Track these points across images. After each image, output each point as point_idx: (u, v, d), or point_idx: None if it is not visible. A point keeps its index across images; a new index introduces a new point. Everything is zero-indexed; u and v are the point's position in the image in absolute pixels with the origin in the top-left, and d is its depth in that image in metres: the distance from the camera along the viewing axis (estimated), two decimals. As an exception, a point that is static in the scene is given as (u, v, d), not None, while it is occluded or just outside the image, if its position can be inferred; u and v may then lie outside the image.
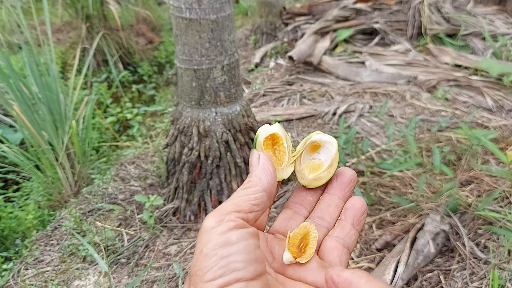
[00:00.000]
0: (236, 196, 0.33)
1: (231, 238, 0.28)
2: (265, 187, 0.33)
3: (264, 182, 0.34)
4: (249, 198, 0.32)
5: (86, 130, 1.89)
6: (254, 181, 0.34)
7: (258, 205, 0.32)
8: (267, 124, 0.39)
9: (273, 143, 0.39)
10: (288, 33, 3.44)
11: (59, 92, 1.75)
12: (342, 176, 0.39)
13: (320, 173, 0.38)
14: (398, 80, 2.54)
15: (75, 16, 3.26)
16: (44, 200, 1.79)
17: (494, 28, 2.92)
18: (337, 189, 0.39)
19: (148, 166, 1.89)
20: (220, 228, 0.29)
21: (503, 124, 2.00)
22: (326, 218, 0.38)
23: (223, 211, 0.30)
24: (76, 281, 1.32)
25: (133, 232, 1.50)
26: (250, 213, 0.31)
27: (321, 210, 0.38)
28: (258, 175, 0.34)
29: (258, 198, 0.32)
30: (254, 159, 0.35)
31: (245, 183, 0.34)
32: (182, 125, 1.45)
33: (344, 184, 0.39)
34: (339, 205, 0.38)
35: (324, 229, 0.37)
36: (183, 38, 1.31)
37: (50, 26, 1.79)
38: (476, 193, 1.49)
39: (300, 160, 0.39)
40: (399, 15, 3.24)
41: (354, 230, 0.37)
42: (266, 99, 2.50)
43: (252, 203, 0.32)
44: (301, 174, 0.39)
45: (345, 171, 0.39)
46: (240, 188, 0.34)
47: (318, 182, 0.38)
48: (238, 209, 0.31)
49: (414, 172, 1.62)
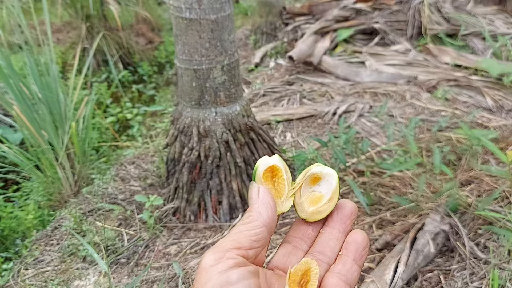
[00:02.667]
0: (235, 231, 0.32)
1: (232, 277, 0.27)
2: (265, 222, 0.32)
3: (264, 217, 0.33)
4: (249, 234, 0.31)
5: (86, 130, 1.89)
6: (254, 216, 0.33)
7: (258, 241, 0.31)
8: (266, 156, 0.38)
9: (272, 175, 0.38)
10: (288, 33, 3.44)
11: (59, 92, 1.75)
12: (343, 209, 0.38)
13: (320, 207, 0.37)
14: (398, 80, 2.54)
15: (75, 16, 3.26)
16: (44, 200, 1.79)
17: (494, 28, 2.92)
18: (338, 223, 0.37)
19: (148, 166, 1.89)
20: (219, 266, 0.28)
21: (503, 124, 2.00)
22: (327, 253, 0.36)
23: (223, 247, 0.29)
24: (76, 281, 1.32)
25: (133, 232, 1.50)
26: (250, 250, 0.30)
27: (322, 245, 0.37)
28: (258, 210, 0.33)
29: (259, 233, 0.31)
30: (254, 192, 0.34)
31: (244, 217, 0.33)
32: (182, 125, 1.45)
33: (345, 217, 0.37)
34: (340, 239, 0.37)
35: (325, 265, 0.36)
36: (183, 38, 1.31)
37: (50, 26, 1.79)
38: (476, 193, 1.49)
39: (300, 193, 0.38)
40: (399, 15, 3.24)
41: (356, 266, 0.35)
42: (266, 99, 2.50)
43: (253, 239, 0.31)
44: (301, 207, 0.38)
45: (345, 204, 0.38)
46: (239, 223, 0.33)
47: (318, 216, 0.37)
48: (238, 245, 0.30)
49: (414, 172, 1.62)
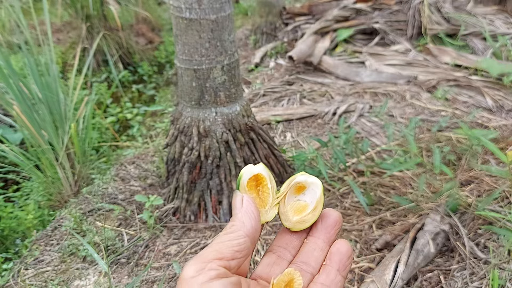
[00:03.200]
0: (217, 242, 0.31)
1: None
2: (248, 232, 0.32)
3: (247, 226, 0.32)
4: (231, 244, 0.31)
5: (86, 130, 1.89)
6: (237, 226, 0.32)
7: (241, 252, 0.31)
8: (250, 164, 0.38)
9: (256, 184, 0.38)
10: (288, 33, 3.44)
11: (59, 92, 1.75)
12: (327, 219, 0.37)
13: (304, 216, 0.37)
14: (398, 80, 2.54)
15: (75, 16, 3.26)
16: (44, 200, 1.79)
17: (494, 28, 2.92)
18: (322, 232, 0.37)
19: (148, 166, 1.89)
20: (200, 278, 0.27)
21: (503, 124, 2.00)
22: (310, 263, 0.36)
23: (204, 258, 0.29)
24: (76, 281, 1.32)
25: (133, 232, 1.50)
26: (233, 260, 0.30)
27: (306, 255, 0.37)
28: (242, 219, 0.33)
29: (241, 244, 0.31)
30: (237, 201, 0.34)
31: (227, 227, 0.33)
32: (182, 125, 1.45)
33: (329, 226, 0.37)
34: (324, 249, 0.37)
35: (309, 275, 0.36)
36: (183, 38, 1.31)
37: (50, 26, 1.79)
38: (476, 193, 1.49)
39: (285, 202, 0.38)
40: (399, 15, 3.24)
41: (340, 276, 0.35)
42: (266, 99, 2.50)
43: (235, 249, 0.30)
44: (285, 216, 0.37)
45: (330, 213, 0.37)
46: (222, 233, 0.32)
47: (302, 225, 0.37)
48: (219, 256, 0.29)
49: (414, 172, 1.62)
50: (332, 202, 1.55)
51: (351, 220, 1.46)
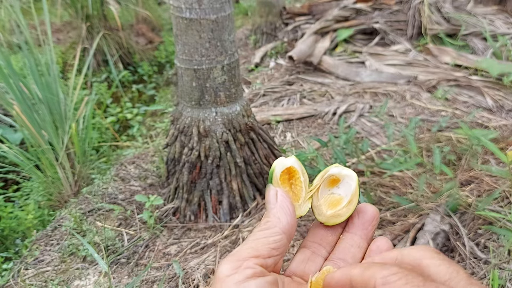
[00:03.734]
0: (253, 239, 0.30)
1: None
2: (284, 228, 0.30)
3: (283, 222, 0.31)
4: (267, 242, 0.29)
5: (86, 130, 1.89)
6: (273, 222, 0.31)
7: (277, 249, 0.29)
8: (282, 156, 0.36)
9: (289, 177, 0.36)
10: (288, 33, 3.44)
11: (59, 92, 1.75)
12: (364, 214, 0.36)
13: (339, 210, 0.36)
14: (398, 80, 2.54)
15: (75, 16, 3.26)
16: (44, 200, 1.79)
17: (494, 28, 2.92)
18: (359, 228, 0.35)
19: (148, 166, 1.89)
20: (236, 276, 0.26)
21: (503, 124, 2.00)
22: (348, 260, 0.34)
23: (240, 256, 0.28)
24: (76, 281, 1.32)
25: (133, 232, 1.50)
26: (269, 258, 0.29)
27: (343, 251, 0.35)
28: (277, 215, 0.31)
29: (278, 241, 0.30)
30: (271, 195, 0.32)
31: (262, 223, 0.31)
32: (182, 125, 1.45)
33: (366, 222, 0.35)
34: (362, 246, 0.35)
35: None
36: (183, 38, 1.31)
37: (50, 26, 1.79)
38: (476, 193, 1.49)
39: (318, 195, 0.36)
40: (399, 15, 3.24)
41: None
42: (266, 99, 2.50)
43: (271, 247, 0.29)
44: (319, 210, 0.36)
45: (366, 208, 0.36)
46: (257, 230, 0.31)
47: (337, 219, 0.35)
48: (256, 254, 0.28)
49: (414, 172, 1.62)
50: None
51: (351, 220, 1.46)
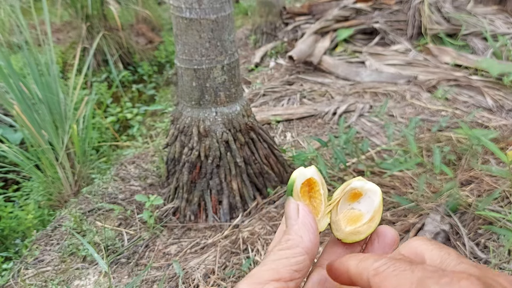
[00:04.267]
0: (273, 259, 0.28)
1: None
2: (307, 248, 0.28)
3: (306, 241, 0.28)
4: (289, 263, 0.27)
5: (86, 130, 1.89)
6: (295, 241, 0.28)
7: (300, 271, 0.27)
8: (302, 167, 0.34)
9: (309, 189, 0.34)
10: (288, 33, 3.44)
11: (59, 92, 1.75)
12: (384, 237, 0.33)
13: (359, 226, 0.33)
14: (398, 80, 2.54)
15: (75, 16, 3.26)
16: (44, 200, 1.79)
17: (494, 28, 2.92)
18: (379, 251, 0.33)
19: (148, 166, 1.89)
20: None
21: (503, 124, 2.00)
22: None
23: (259, 279, 0.26)
24: (76, 281, 1.32)
25: (133, 231, 1.50)
26: (291, 281, 0.26)
27: None
28: (299, 233, 0.29)
29: (300, 262, 0.27)
30: (292, 210, 0.30)
31: (283, 241, 0.29)
32: (182, 125, 1.45)
33: (387, 246, 0.33)
34: None
35: None
36: (183, 38, 1.31)
37: (50, 26, 1.79)
38: (476, 193, 1.49)
39: (337, 210, 0.34)
40: (399, 15, 3.24)
41: None
42: (266, 99, 2.50)
43: (294, 269, 0.27)
44: (337, 225, 0.33)
45: (387, 231, 0.33)
46: (277, 248, 0.28)
47: (356, 237, 0.33)
48: (277, 277, 0.26)
49: (414, 172, 1.62)
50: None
51: (351, 220, 1.46)
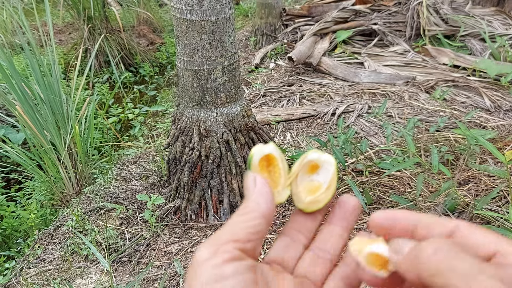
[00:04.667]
0: (231, 223, 0.29)
1: (226, 272, 0.25)
2: (264, 213, 0.30)
3: (262, 207, 0.30)
4: (246, 226, 0.29)
5: (88, 130, 1.90)
6: (252, 207, 0.30)
7: (256, 234, 0.29)
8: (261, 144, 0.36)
9: (267, 164, 0.36)
10: (287, 34, 3.46)
11: (61, 92, 1.77)
12: (345, 204, 0.35)
13: (318, 196, 0.35)
14: (397, 81, 2.56)
15: (77, 17, 3.28)
16: (46, 200, 1.81)
17: (492, 29, 2.94)
18: (340, 219, 0.35)
19: (149, 165, 1.90)
20: (214, 260, 0.26)
21: (501, 124, 2.01)
22: (329, 250, 0.34)
23: (218, 240, 0.28)
24: (78, 280, 1.34)
25: (134, 231, 1.52)
26: (248, 243, 0.28)
27: (323, 242, 0.34)
28: (256, 200, 0.31)
29: (257, 225, 0.29)
30: (250, 182, 0.32)
31: (241, 209, 0.31)
32: (183, 125, 1.47)
33: (347, 212, 0.35)
34: (343, 236, 0.35)
35: (328, 262, 0.33)
36: (184, 39, 1.33)
37: (52, 27, 1.81)
38: (474, 192, 1.50)
39: (297, 182, 0.36)
40: (398, 16, 3.26)
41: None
42: (266, 99, 2.52)
43: (250, 232, 0.29)
44: (298, 197, 0.36)
45: (348, 199, 0.35)
46: (235, 215, 0.30)
47: (315, 206, 0.35)
48: (235, 238, 0.28)
49: (413, 172, 1.63)
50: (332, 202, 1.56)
51: (350, 219, 1.47)
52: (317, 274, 0.33)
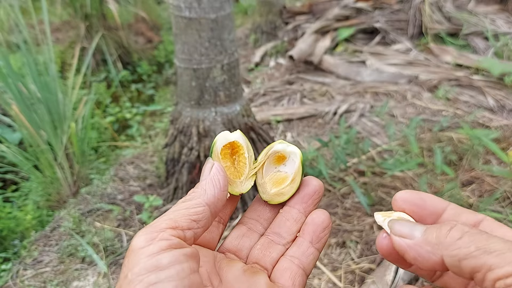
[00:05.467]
0: (173, 209, 0.28)
1: (162, 261, 0.24)
2: (209, 200, 0.29)
3: (209, 195, 0.29)
4: (188, 213, 0.27)
5: (85, 130, 1.88)
6: (198, 193, 0.29)
7: (198, 221, 0.27)
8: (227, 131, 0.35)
9: (232, 153, 0.35)
10: (288, 32, 3.43)
11: (58, 91, 1.74)
12: (305, 187, 0.34)
13: (283, 188, 0.34)
14: (399, 80, 2.53)
15: (74, 15, 3.25)
16: (43, 200, 1.78)
17: (496, 28, 2.91)
18: (298, 202, 0.34)
19: (147, 166, 1.88)
20: (150, 248, 0.24)
21: (505, 124, 1.99)
22: (282, 234, 0.33)
23: (156, 227, 0.26)
24: (75, 282, 1.32)
25: (132, 232, 1.49)
26: (188, 230, 0.27)
27: (278, 225, 0.34)
28: (204, 187, 0.30)
29: (199, 213, 0.28)
30: (207, 168, 0.31)
31: (187, 194, 0.30)
32: (181, 125, 1.44)
33: (306, 195, 0.34)
34: (299, 220, 0.33)
35: (281, 247, 0.33)
36: (183, 37, 1.30)
37: (48, 25, 1.78)
38: (478, 193, 1.48)
39: (262, 172, 0.35)
40: (400, 14, 3.23)
41: (312, 249, 0.32)
42: (266, 98, 2.49)
43: (192, 219, 0.27)
44: (263, 188, 0.35)
45: (309, 182, 0.34)
46: (180, 201, 0.29)
47: (280, 198, 0.34)
48: (174, 225, 0.26)
49: (415, 172, 1.61)
50: (333, 202, 1.54)
51: (352, 221, 1.45)
52: (268, 258, 0.32)
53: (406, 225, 0.26)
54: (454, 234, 0.23)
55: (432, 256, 0.24)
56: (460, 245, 0.22)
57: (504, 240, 0.22)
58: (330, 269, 1.27)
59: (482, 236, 0.22)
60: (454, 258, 0.22)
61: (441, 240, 0.23)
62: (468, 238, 0.22)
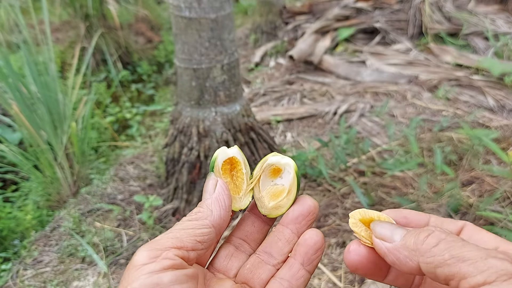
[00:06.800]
0: (179, 228, 0.28)
1: (163, 279, 0.24)
2: (215, 222, 0.29)
3: (215, 216, 0.29)
4: (194, 233, 0.27)
5: (85, 130, 1.88)
6: (204, 213, 0.29)
7: (203, 243, 0.27)
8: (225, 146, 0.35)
9: (231, 168, 0.35)
10: (288, 32, 3.43)
11: (58, 91, 1.74)
12: (299, 206, 0.33)
13: (280, 201, 0.34)
14: (399, 80, 2.53)
15: (74, 15, 3.25)
16: (43, 200, 1.78)
17: (496, 28, 2.91)
18: (291, 222, 0.33)
19: (147, 166, 1.88)
20: (152, 266, 0.24)
21: (505, 124, 1.99)
22: (273, 254, 0.32)
23: (160, 245, 0.26)
24: (75, 282, 1.32)
25: (132, 232, 1.49)
26: (192, 251, 0.27)
27: (269, 245, 0.33)
28: (210, 207, 0.30)
29: (205, 234, 0.28)
30: (210, 185, 0.31)
31: (193, 212, 0.30)
32: (181, 125, 1.44)
33: (300, 216, 0.33)
34: (291, 240, 0.33)
35: (271, 267, 0.32)
36: (183, 37, 1.30)
37: (49, 25, 1.78)
38: (478, 193, 1.48)
39: (259, 187, 0.35)
40: (400, 14, 3.23)
41: (303, 271, 0.31)
42: (266, 98, 2.49)
43: (197, 240, 0.27)
44: (261, 202, 0.34)
45: (303, 201, 0.33)
46: (185, 219, 0.29)
47: (279, 211, 0.34)
48: (179, 245, 0.26)
49: (415, 172, 1.61)
50: (333, 202, 1.54)
51: (352, 221, 1.45)
52: (257, 279, 0.32)
53: (388, 228, 0.26)
54: (431, 241, 0.23)
55: (409, 261, 0.24)
56: (436, 252, 0.22)
57: (479, 248, 0.22)
58: (330, 269, 1.27)
59: (457, 243, 0.22)
60: (430, 265, 0.22)
61: (418, 247, 0.23)
62: (444, 245, 0.22)
